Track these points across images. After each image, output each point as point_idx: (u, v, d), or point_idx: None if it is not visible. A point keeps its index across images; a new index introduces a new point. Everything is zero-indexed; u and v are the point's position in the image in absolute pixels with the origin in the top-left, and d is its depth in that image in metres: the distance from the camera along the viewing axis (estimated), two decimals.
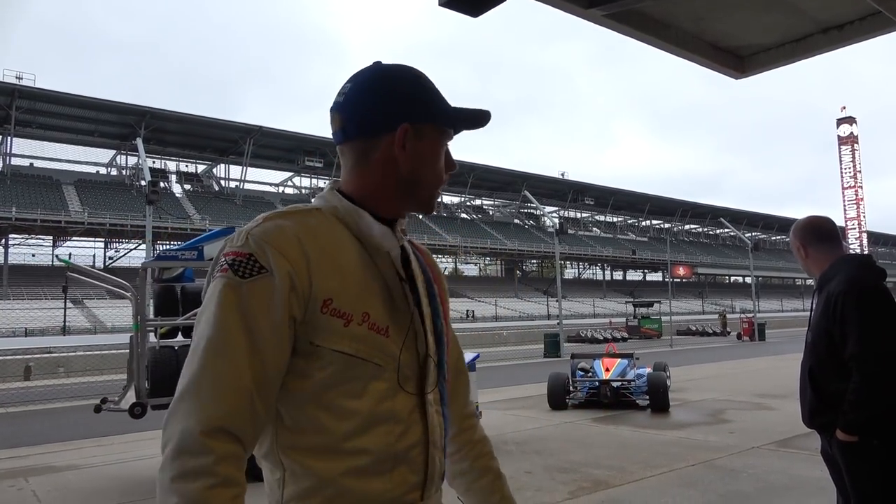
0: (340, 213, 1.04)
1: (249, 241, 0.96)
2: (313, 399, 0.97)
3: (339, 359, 0.96)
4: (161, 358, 5.91)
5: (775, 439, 6.81)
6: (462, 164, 56.05)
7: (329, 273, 0.97)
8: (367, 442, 0.97)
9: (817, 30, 5.03)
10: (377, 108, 1.05)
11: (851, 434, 2.31)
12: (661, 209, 71.61)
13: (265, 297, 0.93)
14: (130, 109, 42.79)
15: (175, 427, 0.88)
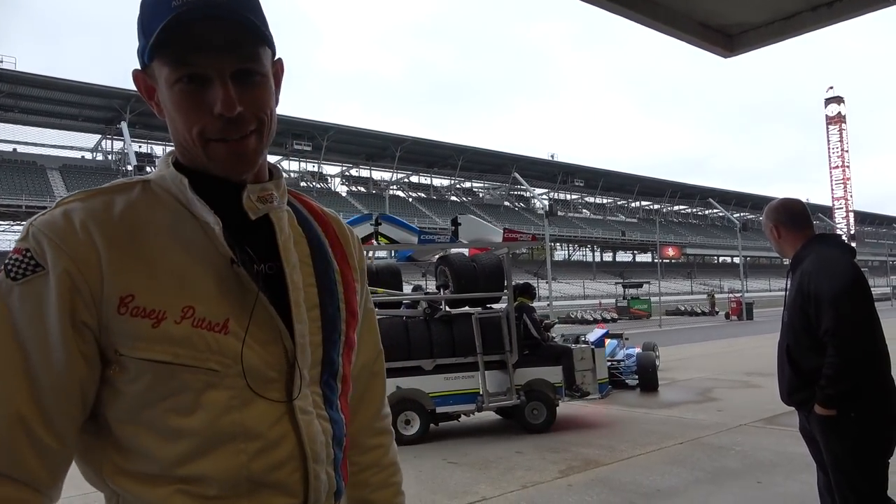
0: (168, 182, 0.84)
1: (30, 233, 0.77)
2: (130, 418, 0.78)
3: (150, 368, 0.77)
4: None
5: (762, 417, 6.88)
6: (452, 147, 55.85)
7: (130, 264, 0.78)
8: (206, 467, 0.78)
9: (806, 7, 5.02)
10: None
11: (829, 408, 2.36)
12: (651, 190, 71.76)
13: (38, 301, 0.75)
14: (115, 93, 42.16)
15: None
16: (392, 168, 56.98)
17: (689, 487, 4.59)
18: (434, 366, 6.43)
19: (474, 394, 6.40)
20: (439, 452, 5.90)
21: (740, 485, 4.59)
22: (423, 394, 6.35)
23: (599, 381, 6.89)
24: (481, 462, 5.50)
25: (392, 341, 6.27)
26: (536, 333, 6.90)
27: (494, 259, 7.00)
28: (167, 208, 0.83)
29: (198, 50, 0.78)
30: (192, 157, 0.85)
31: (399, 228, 7.16)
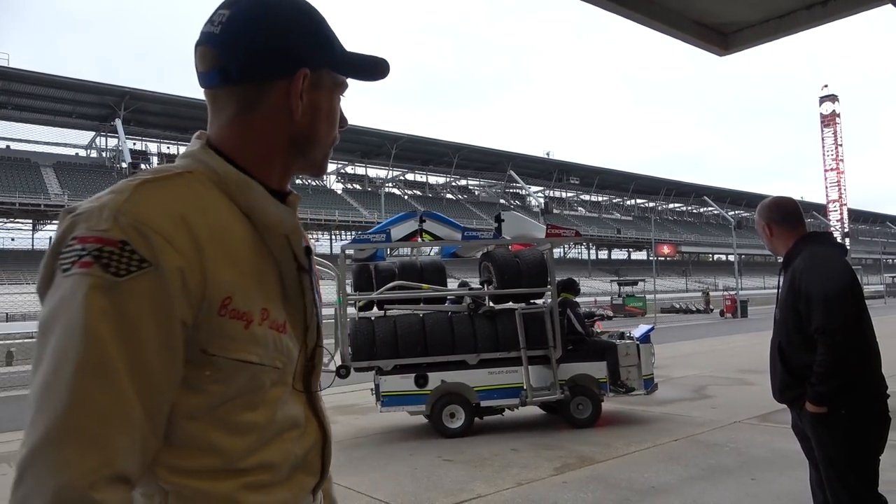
0: (222, 179, 0.82)
1: (120, 222, 0.71)
2: (205, 416, 0.78)
3: (241, 368, 0.78)
4: (360, 328, 6.59)
5: (756, 414, 6.91)
6: (447, 145, 55.81)
7: (226, 262, 0.77)
8: (267, 455, 0.82)
9: (801, 6, 5.02)
10: (272, 45, 0.83)
11: (820, 405, 2.38)
12: (646, 188, 71.89)
13: (151, 299, 0.71)
14: (109, 90, 41.99)
15: (44, 482, 0.65)
16: (387, 166, 56.92)
17: (683, 484, 4.61)
18: (478, 360, 6.51)
19: (518, 388, 6.46)
20: (434, 450, 5.91)
21: (734, 482, 4.61)
22: (468, 388, 6.44)
23: (645, 377, 6.90)
24: (476, 460, 5.51)
25: (437, 336, 6.47)
26: (580, 329, 6.93)
27: (537, 255, 7.10)
28: (225, 205, 0.81)
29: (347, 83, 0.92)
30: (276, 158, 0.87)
31: (443, 225, 7.27)
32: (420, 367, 6.42)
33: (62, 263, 0.71)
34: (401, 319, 6.70)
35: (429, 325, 6.56)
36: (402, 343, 6.44)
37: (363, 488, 4.70)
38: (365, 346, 6.38)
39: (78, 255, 0.70)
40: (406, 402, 6.42)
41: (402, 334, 6.48)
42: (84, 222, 0.72)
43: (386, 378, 6.35)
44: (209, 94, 0.87)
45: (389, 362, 6.40)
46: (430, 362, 6.45)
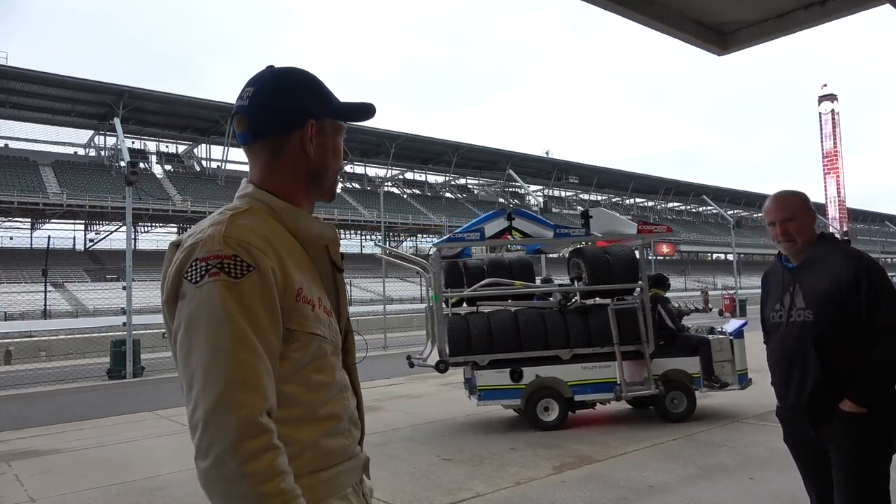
0: (274, 210, 1.15)
1: (229, 242, 1.04)
2: (291, 377, 1.08)
3: (312, 339, 1.10)
4: (455, 324, 6.73)
5: (755, 413, 6.93)
6: (446, 144, 55.75)
7: (294, 265, 1.10)
8: (334, 407, 1.14)
9: (799, 5, 5.00)
10: (285, 108, 1.16)
11: (864, 405, 2.26)
12: (645, 187, 71.85)
13: (260, 291, 1.03)
14: (108, 88, 41.88)
15: (228, 421, 0.96)
16: (387, 164, 56.88)
17: (681, 483, 4.61)
18: (571, 355, 6.63)
19: (611, 383, 6.58)
20: (433, 449, 5.92)
21: (733, 481, 4.62)
22: (562, 382, 6.57)
23: (739, 372, 6.93)
24: (475, 458, 5.51)
25: (530, 332, 6.60)
26: (671, 324, 7.00)
27: (627, 251, 7.23)
28: (282, 229, 1.14)
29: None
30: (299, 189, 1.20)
31: (531, 223, 7.45)
32: (515, 363, 6.52)
33: (192, 279, 1.03)
34: (494, 315, 6.83)
35: (522, 321, 6.69)
36: (497, 338, 6.56)
37: None
38: (461, 342, 6.56)
39: (206, 269, 1.02)
40: (502, 397, 6.54)
41: (496, 330, 6.61)
42: (202, 248, 1.04)
43: (482, 373, 6.47)
44: (247, 149, 1.20)
45: (485, 357, 6.51)
46: (525, 357, 6.56)
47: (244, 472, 0.94)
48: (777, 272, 2.55)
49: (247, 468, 0.95)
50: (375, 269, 39.07)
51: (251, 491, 0.94)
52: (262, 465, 0.96)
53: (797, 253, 2.43)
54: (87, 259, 43.47)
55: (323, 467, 1.11)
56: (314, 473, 1.10)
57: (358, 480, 1.19)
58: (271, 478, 0.96)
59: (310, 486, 1.07)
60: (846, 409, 2.28)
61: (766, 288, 2.63)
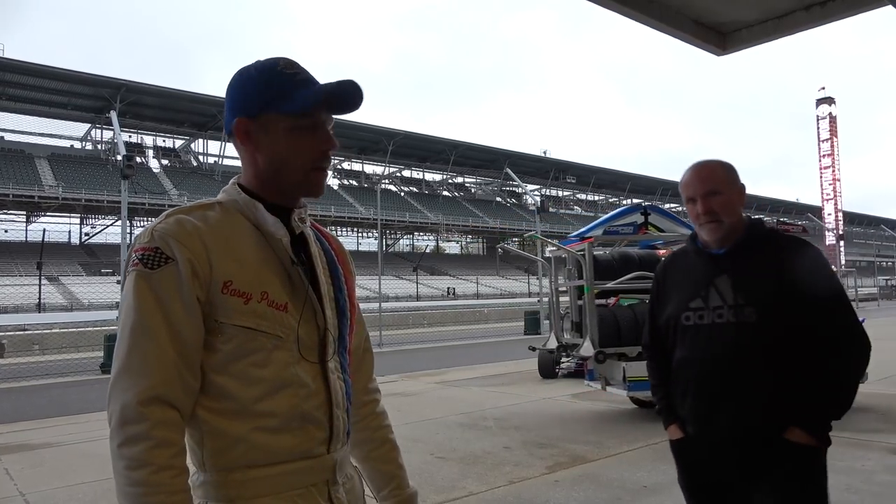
0: (240, 205, 1.17)
1: (154, 236, 1.08)
2: (223, 369, 1.09)
3: (241, 332, 1.09)
4: (604, 316, 6.92)
5: None
6: (444, 142, 55.76)
7: (227, 259, 1.10)
8: (274, 405, 1.10)
9: (800, 6, 4.99)
10: (230, 106, 1.19)
11: (823, 434, 1.72)
12: (642, 188, 72.00)
13: (173, 282, 1.06)
14: (105, 82, 41.79)
15: (115, 403, 1.02)
16: (384, 162, 56.84)
17: (675, 484, 4.58)
18: None
19: None
20: (427, 447, 5.90)
21: None
22: None
23: None
24: (469, 457, 5.50)
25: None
26: None
27: None
28: (241, 223, 1.15)
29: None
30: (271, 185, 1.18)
31: (666, 219, 7.71)
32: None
33: (126, 267, 1.10)
34: (638, 308, 7.09)
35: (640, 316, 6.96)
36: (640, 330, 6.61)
37: None
38: (612, 334, 6.78)
39: (133, 260, 1.08)
40: (647, 387, 6.53)
41: (642, 322, 6.61)
42: (137, 240, 1.11)
43: (631, 364, 6.59)
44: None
45: (634, 349, 6.63)
46: None
47: (120, 453, 1.00)
48: (688, 261, 1.99)
49: (122, 450, 1.00)
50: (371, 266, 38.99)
51: (125, 473, 1.00)
52: (135, 451, 0.99)
53: (722, 237, 1.88)
54: (82, 253, 43.36)
55: (260, 464, 1.09)
56: (248, 469, 1.09)
57: (319, 482, 1.14)
58: (141, 466, 0.99)
59: (241, 482, 1.09)
60: (794, 440, 1.70)
61: (663, 283, 2.04)
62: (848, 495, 4.17)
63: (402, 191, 59.96)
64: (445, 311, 30.96)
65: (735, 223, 1.88)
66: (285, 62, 1.17)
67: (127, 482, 0.99)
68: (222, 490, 1.08)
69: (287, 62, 1.18)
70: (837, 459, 4.99)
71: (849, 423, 6.56)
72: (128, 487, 0.99)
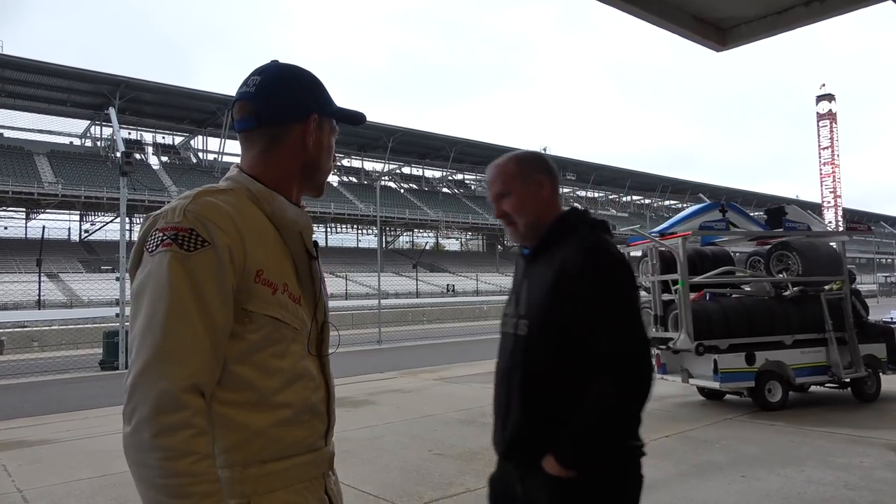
0: (253, 194, 1.15)
1: (188, 216, 1.05)
2: (245, 359, 1.08)
3: (269, 323, 1.09)
4: (696, 310, 7.10)
5: (748, 411, 6.92)
6: (444, 139, 55.72)
7: (258, 247, 1.09)
8: (290, 396, 1.11)
9: (800, 2, 4.96)
10: (291, 100, 1.19)
11: (574, 467, 1.51)
12: (642, 185, 71.96)
13: (211, 267, 1.03)
14: (104, 78, 41.72)
15: (149, 390, 0.97)
16: (384, 159, 56.80)
17: (673, 480, 4.60)
18: (793, 341, 7.14)
19: (821, 367, 7.12)
20: (425, 444, 5.89)
21: (724, 478, 4.60)
22: (785, 366, 7.01)
23: None
24: (467, 454, 5.49)
25: (760, 318, 7.15)
26: (864, 314, 7.70)
27: (830, 246, 8.05)
28: (255, 211, 1.14)
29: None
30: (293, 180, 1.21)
31: (740, 216, 8.07)
32: (747, 347, 6.92)
33: (148, 247, 1.05)
34: (726, 302, 7.35)
35: (752, 309, 7.22)
36: (732, 324, 6.99)
37: (350, 481, 4.67)
38: (705, 327, 6.92)
39: (160, 239, 1.03)
40: (738, 379, 6.86)
41: (731, 316, 7.04)
42: (163, 219, 1.06)
43: (722, 356, 6.79)
44: (243, 135, 1.21)
45: (725, 342, 6.86)
46: (754, 342, 6.98)
47: (157, 444, 0.95)
48: (518, 264, 1.81)
49: (160, 441, 0.95)
50: (371, 263, 38.99)
51: (161, 464, 0.94)
52: (176, 440, 0.95)
53: (523, 237, 1.74)
54: (81, 250, 43.34)
55: (275, 458, 1.09)
56: (264, 463, 1.08)
57: (319, 475, 1.18)
58: (183, 455, 0.95)
59: (257, 477, 1.07)
60: (548, 470, 1.54)
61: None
62: (846, 492, 4.16)
63: (402, 188, 59.94)
64: (445, 307, 30.96)
65: (534, 221, 1.70)
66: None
67: (165, 473, 0.94)
68: (237, 486, 1.06)
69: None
70: (836, 456, 5.00)
71: (848, 419, 6.59)
72: (167, 479, 0.94)
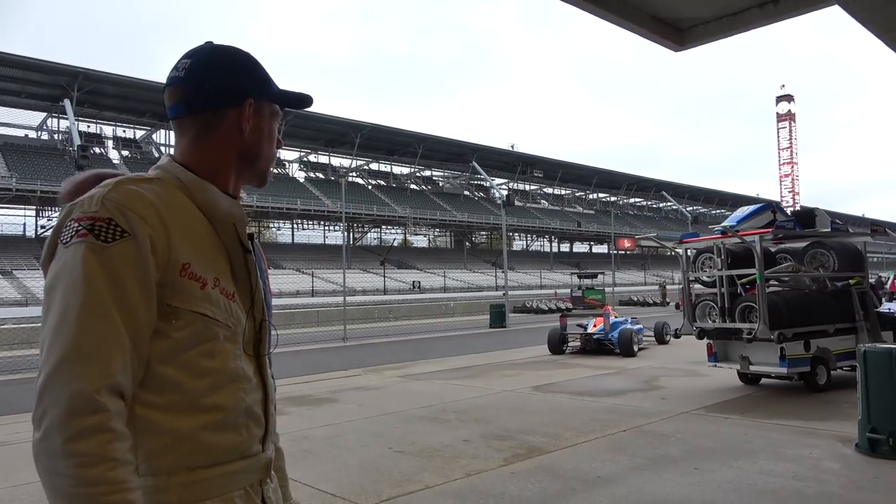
0: (184, 183, 1.08)
1: (106, 205, 0.97)
2: (171, 358, 1.00)
3: (197, 319, 1.01)
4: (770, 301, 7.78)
5: (704, 404, 7.06)
6: (412, 135, 55.52)
7: (185, 239, 1.02)
8: (221, 398, 1.04)
9: (754, 4, 5.07)
10: (223, 83, 1.12)
11: None
12: (608, 182, 72.77)
13: (131, 259, 0.95)
14: (61, 69, 40.41)
15: (61, 392, 0.89)
16: (351, 155, 56.37)
17: (628, 474, 4.66)
18: (834, 329, 7.98)
19: (852, 352, 7.43)
20: (386, 441, 5.87)
21: (678, 471, 4.69)
22: (830, 352, 7.82)
23: None
24: (427, 451, 5.48)
25: (815, 309, 8.02)
26: (878, 306, 8.72)
27: (853, 246, 9.02)
28: (185, 202, 1.06)
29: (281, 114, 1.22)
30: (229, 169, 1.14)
31: (785, 218, 8.86)
32: (804, 336, 7.66)
33: (62, 238, 0.96)
34: (786, 295, 8.13)
35: (806, 301, 8.11)
36: (794, 314, 7.72)
37: (309, 480, 4.63)
38: (777, 317, 7.57)
39: (75, 230, 0.95)
40: (799, 364, 7.53)
41: (792, 308, 7.78)
42: (79, 208, 0.98)
43: (788, 344, 7.44)
44: (175, 123, 1.13)
45: (790, 330, 7.52)
46: (810, 331, 7.75)
47: (69, 450, 0.87)
48: None
49: (72, 447, 0.87)
50: (338, 260, 38.71)
51: (74, 472, 0.87)
52: (91, 446, 0.87)
53: None
54: (37, 246, 42.00)
55: (204, 464, 1.02)
56: (191, 470, 1.01)
57: (255, 482, 1.11)
58: (98, 462, 0.88)
59: (184, 485, 1.00)
60: None
61: None
62: (795, 483, 4.27)
63: (370, 184, 59.52)
64: (412, 304, 30.89)
65: None
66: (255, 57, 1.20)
67: (78, 482, 0.87)
68: (161, 496, 0.98)
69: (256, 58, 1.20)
70: (787, 448, 5.13)
71: (799, 412, 6.77)
72: (80, 488, 0.87)
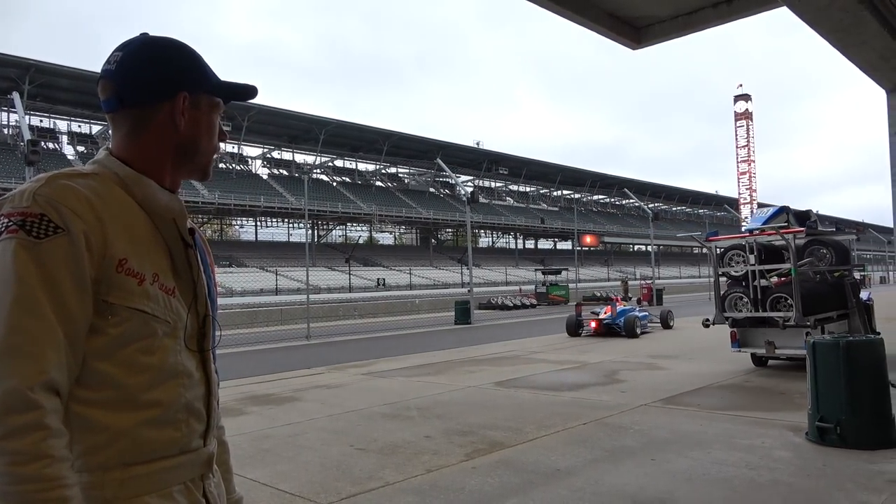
0: (122, 178, 1.08)
1: (38, 201, 0.96)
2: (108, 355, 1.00)
3: (135, 315, 1.01)
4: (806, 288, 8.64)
5: (661, 397, 7.20)
6: (378, 132, 55.25)
7: (122, 234, 1.01)
8: (160, 394, 1.04)
9: (708, 4, 5.18)
10: (155, 77, 1.10)
11: None
12: (572, 180, 73.63)
13: (65, 255, 0.94)
14: (10, 61, 39.03)
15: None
16: (316, 151, 55.82)
17: (587, 466, 4.73)
18: (837, 315, 8.96)
19: (847, 334, 8.17)
20: (348, 439, 5.83)
21: (635, 462, 4.77)
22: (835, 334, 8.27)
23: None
24: (389, 448, 5.47)
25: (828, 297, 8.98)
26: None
27: (843, 243, 10.07)
28: (123, 197, 1.06)
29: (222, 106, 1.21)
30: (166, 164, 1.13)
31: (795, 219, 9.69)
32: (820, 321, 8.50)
33: None
34: (806, 286, 8.69)
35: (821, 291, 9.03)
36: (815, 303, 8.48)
37: (268, 480, 4.57)
38: (809, 305, 8.32)
39: (5, 226, 0.94)
40: None
41: (813, 296, 8.51)
42: (9, 203, 0.97)
43: (812, 329, 8.18)
44: (110, 117, 1.13)
45: (811, 317, 8.25)
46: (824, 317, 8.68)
47: (2, 448, 0.87)
48: None
49: (6, 444, 0.87)
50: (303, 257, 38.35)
51: (7, 470, 0.87)
52: (25, 443, 0.87)
53: None
54: None
55: (141, 460, 1.02)
56: (128, 466, 1.01)
57: (196, 477, 1.11)
58: (33, 460, 0.88)
59: (120, 480, 1.00)
60: None
61: None
62: (747, 471, 4.39)
63: (335, 181, 59.04)
64: (377, 302, 30.77)
65: None
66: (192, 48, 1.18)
67: (12, 480, 0.87)
68: (97, 491, 0.98)
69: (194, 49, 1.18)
70: (741, 438, 5.27)
71: (755, 403, 6.94)
72: (14, 486, 0.87)
